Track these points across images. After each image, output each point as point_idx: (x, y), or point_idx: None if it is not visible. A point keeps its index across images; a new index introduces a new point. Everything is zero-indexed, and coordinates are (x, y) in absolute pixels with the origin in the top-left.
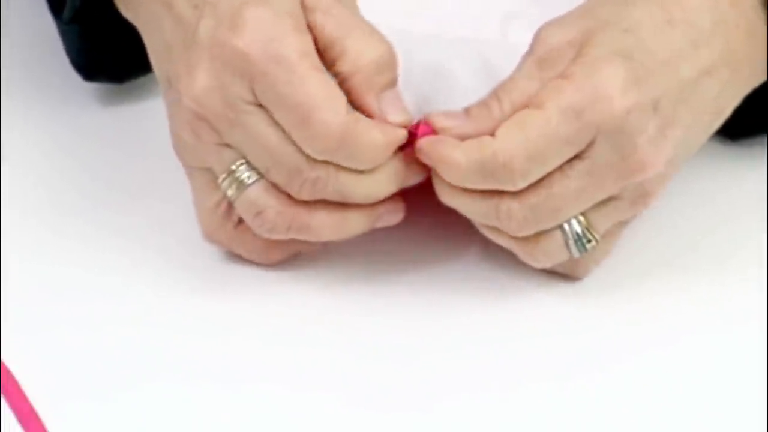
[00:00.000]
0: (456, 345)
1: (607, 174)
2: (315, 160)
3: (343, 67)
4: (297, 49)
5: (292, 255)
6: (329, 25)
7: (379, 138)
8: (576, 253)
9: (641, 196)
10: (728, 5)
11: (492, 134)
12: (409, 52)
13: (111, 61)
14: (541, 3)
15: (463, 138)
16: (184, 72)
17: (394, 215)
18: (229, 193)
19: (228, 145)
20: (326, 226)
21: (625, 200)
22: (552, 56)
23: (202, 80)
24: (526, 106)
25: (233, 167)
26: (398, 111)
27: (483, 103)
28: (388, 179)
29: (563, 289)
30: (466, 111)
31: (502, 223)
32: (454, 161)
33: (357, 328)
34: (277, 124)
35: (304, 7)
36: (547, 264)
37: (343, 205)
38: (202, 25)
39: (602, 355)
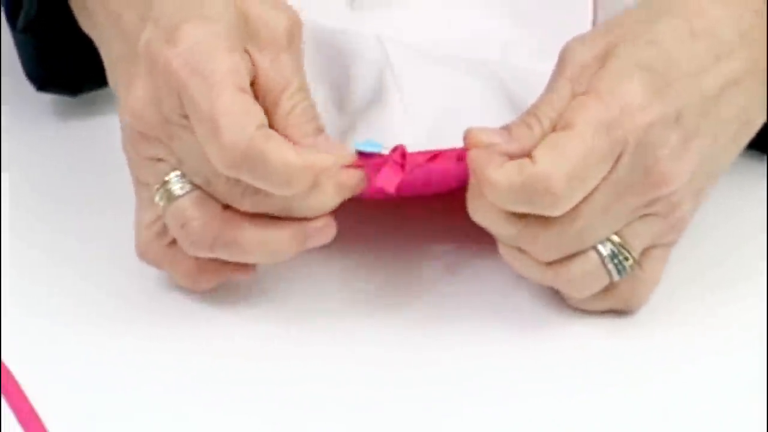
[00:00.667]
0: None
1: (630, 189)
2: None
3: (277, 119)
4: (222, 66)
5: (221, 281)
6: (270, 73)
7: (291, 158)
8: (615, 274)
9: (672, 211)
10: (753, 15)
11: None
12: (417, 67)
13: (65, 73)
14: (539, 33)
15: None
16: (125, 85)
17: (324, 235)
18: (161, 204)
19: (162, 159)
20: (254, 242)
21: (658, 216)
22: (582, 73)
23: (140, 93)
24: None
25: (166, 179)
26: (335, 149)
27: (523, 122)
28: (331, 193)
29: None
30: (507, 129)
31: (529, 245)
32: (494, 181)
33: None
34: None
35: (253, 41)
36: (588, 291)
37: (273, 223)
38: (143, 37)
39: (601, 355)
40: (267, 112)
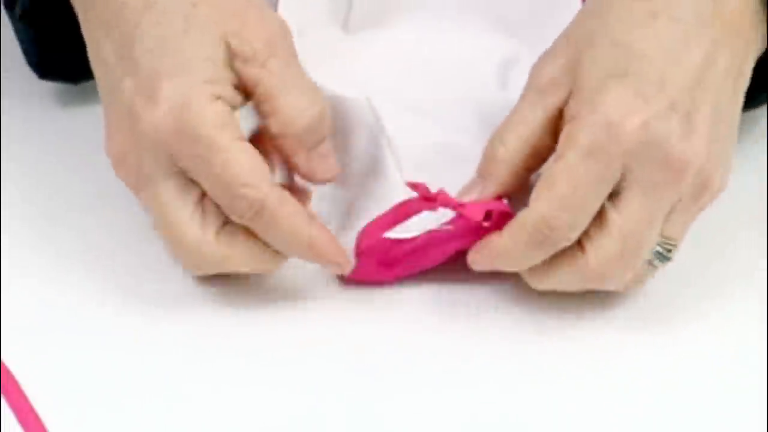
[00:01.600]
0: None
1: (659, 188)
2: (214, 244)
3: (274, 127)
4: (213, 123)
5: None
6: (264, 81)
7: (300, 230)
8: (658, 263)
9: (703, 189)
10: None
11: (511, 180)
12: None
13: (65, 61)
14: (537, 49)
15: (493, 197)
16: (107, 126)
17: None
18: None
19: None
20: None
21: (687, 199)
22: (550, 86)
23: (118, 147)
24: (534, 138)
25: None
26: (325, 169)
27: (485, 156)
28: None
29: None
30: (478, 173)
31: (598, 284)
32: (506, 250)
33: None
34: (190, 203)
35: (237, 57)
36: (630, 286)
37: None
38: (124, 85)
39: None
40: (266, 120)
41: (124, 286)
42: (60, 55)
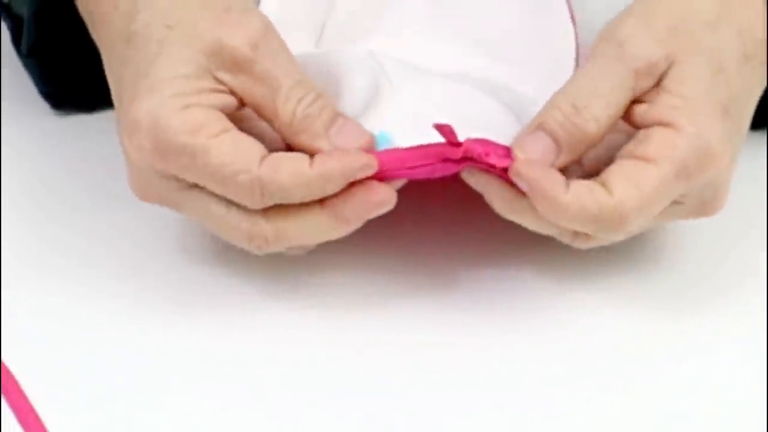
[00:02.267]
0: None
1: (683, 215)
2: (260, 220)
3: (282, 130)
4: (184, 130)
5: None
6: (254, 89)
7: (307, 172)
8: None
9: (715, 196)
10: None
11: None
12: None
13: (77, 92)
14: (522, 67)
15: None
16: (125, 163)
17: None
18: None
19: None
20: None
21: (688, 205)
22: (646, 69)
23: (134, 180)
24: (617, 119)
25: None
26: (352, 138)
27: (572, 125)
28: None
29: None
30: (553, 138)
31: (581, 244)
32: (562, 204)
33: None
34: (216, 196)
35: (220, 68)
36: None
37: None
38: (118, 119)
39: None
40: (272, 126)
41: (124, 287)
42: (71, 87)
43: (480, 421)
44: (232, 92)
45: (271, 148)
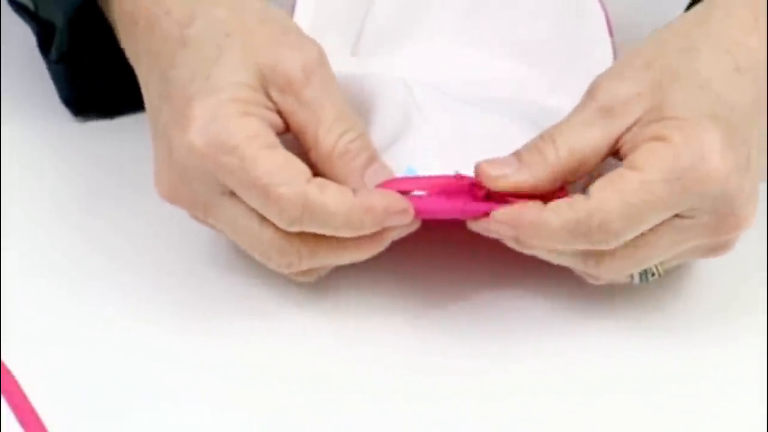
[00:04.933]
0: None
1: (702, 232)
2: (293, 237)
3: (318, 160)
4: (242, 134)
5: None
6: (299, 113)
7: (350, 202)
8: (637, 282)
9: (722, 248)
10: None
11: (547, 182)
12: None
13: (101, 98)
14: (551, 70)
15: (518, 187)
16: (155, 163)
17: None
18: None
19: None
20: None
21: (700, 220)
22: (618, 108)
23: (166, 179)
24: (583, 154)
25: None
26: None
27: (535, 147)
28: (367, 243)
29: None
30: (517, 156)
31: (589, 271)
32: (544, 223)
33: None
34: (250, 209)
35: (272, 86)
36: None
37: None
38: (162, 118)
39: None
40: (309, 153)
41: (124, 287)
42: (97, 93)
43: None
44: (279, 113)
45: None
